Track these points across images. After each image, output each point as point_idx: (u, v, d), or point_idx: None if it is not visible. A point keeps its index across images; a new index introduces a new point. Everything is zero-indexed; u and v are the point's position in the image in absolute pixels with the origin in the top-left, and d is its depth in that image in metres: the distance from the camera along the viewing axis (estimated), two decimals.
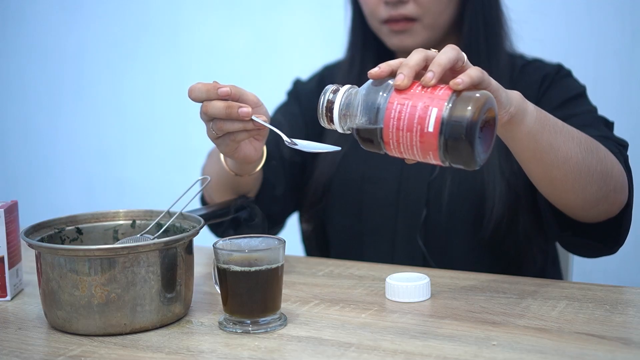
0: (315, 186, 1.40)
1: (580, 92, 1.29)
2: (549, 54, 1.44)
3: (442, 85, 0.85)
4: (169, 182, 2.41)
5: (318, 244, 1.44)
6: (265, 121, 0.99)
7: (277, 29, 2.52)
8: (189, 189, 1.04)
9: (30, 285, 1.11)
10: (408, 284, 1.01)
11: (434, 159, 0.85)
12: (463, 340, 0.87)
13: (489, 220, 1.27)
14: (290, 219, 1.48)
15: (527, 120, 0.96)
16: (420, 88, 0.85)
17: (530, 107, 0.97)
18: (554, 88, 1.30)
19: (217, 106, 0.97)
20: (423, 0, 1.28)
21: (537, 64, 1.36)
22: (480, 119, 0.82)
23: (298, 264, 1.22)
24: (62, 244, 1.04)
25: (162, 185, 2.63)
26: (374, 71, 0.88)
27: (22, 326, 0.96)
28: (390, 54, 1.41)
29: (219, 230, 1.31)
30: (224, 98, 0.97)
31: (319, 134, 1.37)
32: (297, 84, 1.50)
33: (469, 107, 0.82)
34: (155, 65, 2.70)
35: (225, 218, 1.21)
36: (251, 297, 0.91)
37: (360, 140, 0.88)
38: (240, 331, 0.91)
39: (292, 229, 1.49)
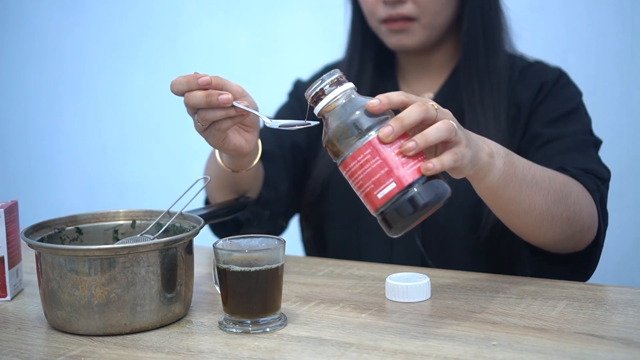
0: (314, 185, 1.40)
1: (574, 107, 1.29)
2: (549, 54, 1.44)
3: (416, 159, 0.85)
4: (169, 182, 2.41)
5: (316, 244, 1.44)
6: (247, 106, 0.99)
7: (277, 29, 2.52)
8: (189, 189, 1.04)
9: (30, 285, 1.11)
10: (408, 284, 1.01)
11: (368, 207, 0.88)
12: (463, 340, 0.87)
13: (486, 222, 1.27)
14: (291, 219, 1.48)
15: (488, 179, 0.96)
16: (397, 149, 0.85)
17: (498, 165, 0.96)
18: (550, 100, 1.29)
19: (198, 96, 0.97)
20: (421, 0, 1.28)
21: (537, 67, 1.35)
22: (424, 216, 0.86)
23: (298, 264, 1.22)
24: (62, 244, 1.04)
25: (162, 185, 2.64)
26: (374, 104, 0.86)
27: (22, 326, 0.96)
28: (389, 54, 1.41)
29: (222, 232, 1.31)
30: (205, 87, 0.98)
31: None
32: (298, 84, 1.50)
33: (420, 203, 0.84)
34: (155, 66, 2.70)
35: (225, 218, 1.21)
36: (251, 297, 0.91)
37: (324, 144, 0.89)
38: (240, 331, 0.91)
39: (292, 229, 1.49)
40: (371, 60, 1.40)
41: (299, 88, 1.49)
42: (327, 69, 1.50)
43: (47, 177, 2.96)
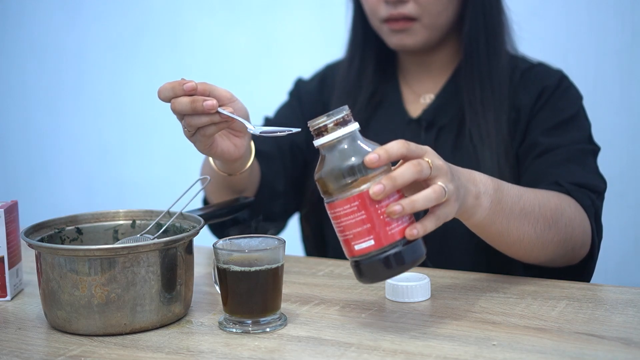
0: (314, 186, 1.40)
1: (574, 113, 1.28)
2: (549, 54, 1.44)
3: (401, 219, 0.86)
4: (169, 182, 2.41)
5: (316, 244, 1.44)
6: (231, 113, 0.99)
7: (277, 29, 2.52)
8: (189, 189, 1.04)
9: (30, 285, 1.11)
10: (408, 284, 1.01)
11: (344, 251, 0.88)
12: (463, 340, 0.87)
13: None
14: (290, 219, 1.48)
15: (474, 219, 0.97)
16: (384, 208, 0.85)
17: (484, 205, 0.96)
18: (549, 106, 1.29)
19: (183, 102, 0.97)
20: (423, 0, 1.28)
21: (539, 69, 1.34)
22: (397, 274, 0.87)
23: (298, 264, 1.22)
24: (62, 244, 1.04)
25: (162, 185, 2.64)
26: (372, 161, 0.84)
27: (22, 326, 0.96)
28: (390, 53, 1.41)
29: (222, 232, 1.31)
30: (190, 93, 0.97)
31: None
32: (299, 83, 1.50)
33: (393, 268, 0.86)
34: (155, 65, 2.70)
35: (225, 218, 1.21)
36: (251, 297, 0.91)
37: (316, 179, 0.88)
38: (240, 331, 0.91)
39: (292, 229, 1.49)
40: (372, 60, 1.40)
41: (300, 87, 1.49)
42: (329, 68, 1.50)
43: (47, 177, 2.96)
